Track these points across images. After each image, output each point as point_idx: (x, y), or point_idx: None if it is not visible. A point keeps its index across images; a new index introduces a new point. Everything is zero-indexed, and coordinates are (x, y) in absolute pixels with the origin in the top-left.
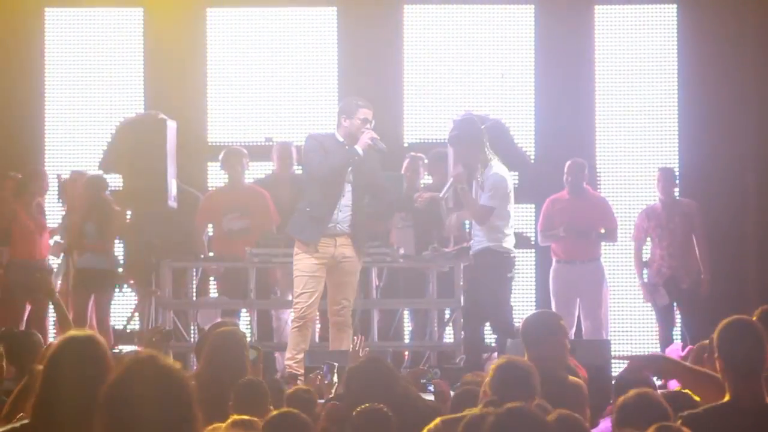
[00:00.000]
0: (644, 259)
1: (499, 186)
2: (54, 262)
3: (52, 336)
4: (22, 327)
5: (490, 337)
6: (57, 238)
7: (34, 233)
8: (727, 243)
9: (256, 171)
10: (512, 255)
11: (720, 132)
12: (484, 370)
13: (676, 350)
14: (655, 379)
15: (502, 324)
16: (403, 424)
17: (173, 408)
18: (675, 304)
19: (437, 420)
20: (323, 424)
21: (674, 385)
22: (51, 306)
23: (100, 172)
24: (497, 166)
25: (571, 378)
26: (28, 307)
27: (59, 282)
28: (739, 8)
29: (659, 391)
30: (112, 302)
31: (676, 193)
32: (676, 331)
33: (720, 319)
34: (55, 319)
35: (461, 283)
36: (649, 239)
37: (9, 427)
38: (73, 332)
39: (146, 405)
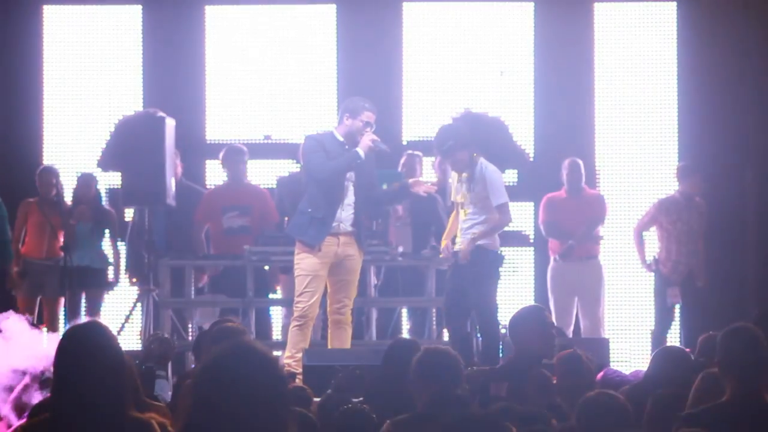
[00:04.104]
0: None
1: (500, 181)
2: None
3: None
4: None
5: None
6: None
7: (44, 230)
8: (726, 240)
9: (254, 169)
10: (502, 253)
11: (719, 129)
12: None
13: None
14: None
15: (491, 323)
16: None
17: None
18: (679, 303)
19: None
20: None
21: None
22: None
23: (98, 169)
24: (486, 163)
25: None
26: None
27: None
28: (738, 6)
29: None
30: (104, 300)
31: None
32: (671, 332)
33: (718, 317)
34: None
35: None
36: (653, 231)
37: (30, 422)
38: (77, 323)
39: (241, 385)
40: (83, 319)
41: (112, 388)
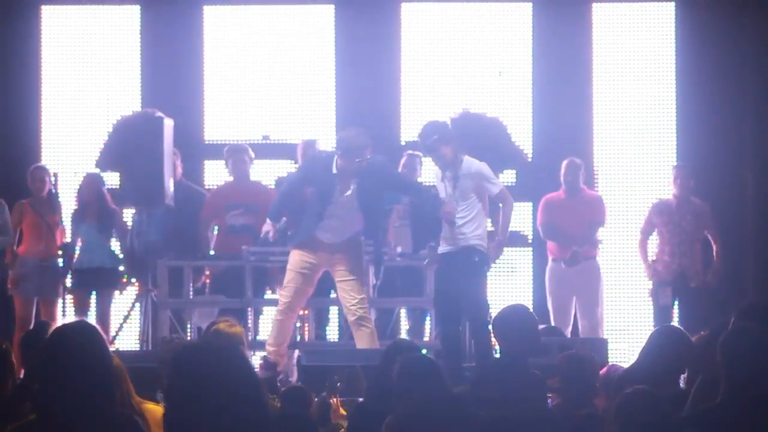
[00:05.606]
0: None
1: (491, 172)
2: None
3: None
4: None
5: None
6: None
7: (40, 229)
8: (725, 241)
9: (252, 169)
10: (486, 253)
11: (718, 130)
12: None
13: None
14: None
15: (482, 323)
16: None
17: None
18: (676, 302)
19: None
20: None
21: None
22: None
23: (97, 170)
24: (471, 159)
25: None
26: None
27: None
28: (736, 6)
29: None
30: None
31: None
32: None
33: (716, 318)
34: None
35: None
36: (654, 234)
37: (19, 423)
38: (65, 322)
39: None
40: (90, 319)
41: (98, 387)
